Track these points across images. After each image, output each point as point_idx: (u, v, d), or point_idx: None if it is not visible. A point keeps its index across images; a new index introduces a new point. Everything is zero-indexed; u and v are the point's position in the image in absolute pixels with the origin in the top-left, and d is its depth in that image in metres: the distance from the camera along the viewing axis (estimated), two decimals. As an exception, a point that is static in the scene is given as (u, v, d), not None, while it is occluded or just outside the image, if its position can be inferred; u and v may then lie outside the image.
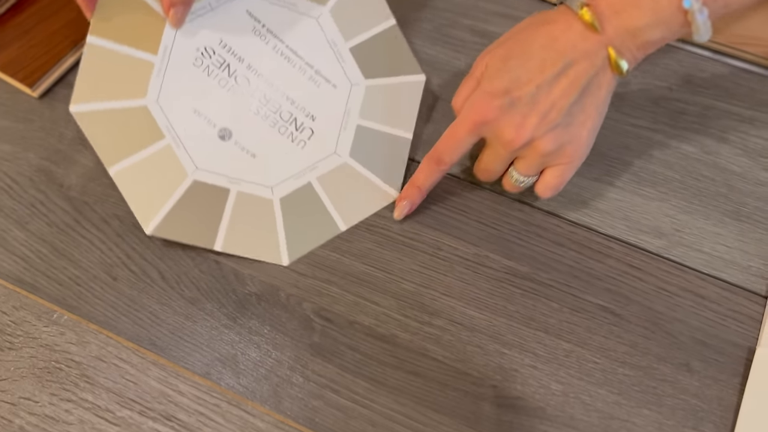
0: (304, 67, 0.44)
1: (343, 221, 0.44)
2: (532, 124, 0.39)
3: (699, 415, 0.39)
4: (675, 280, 0.43)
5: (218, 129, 0.43)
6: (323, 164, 0.45)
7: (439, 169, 0.43)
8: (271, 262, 0.43)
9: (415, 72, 0.47)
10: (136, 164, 0.42)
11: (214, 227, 0.42)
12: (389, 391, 0.39)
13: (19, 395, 0.39)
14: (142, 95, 0.42)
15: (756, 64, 0.51)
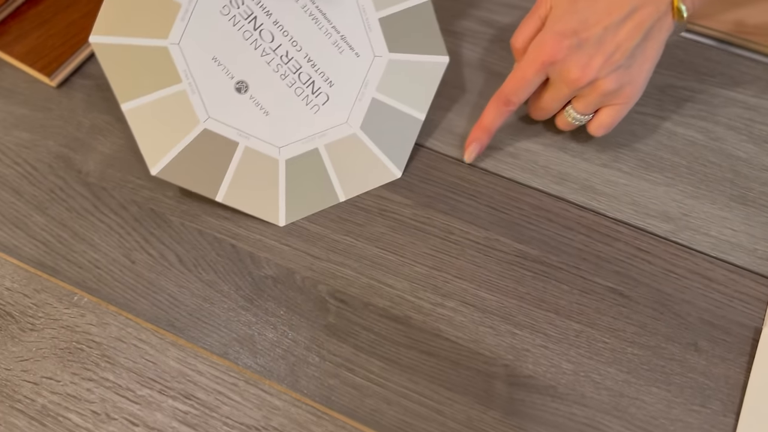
0: (330, 31, 0.44)
1: (344, 192, 0.45)
2: (598, 65, 0.41)
3: (706, 393, 0.39)
4: (683, 263, 0.43)
5: (235, 81, 0.43)
6: (333, 132, 0.45)
7: (507, 109, 0.45)
8: (268, 221, 0.44)
9: (439, 53, 0.47)
10: (150, 104, 0.42)
11: (218, 178, 0.43)
12: (403, 370, 0.40)
13: (41, 375, 0.40)
14: (165, 36, 0.42)
15: (761, 53, 0.52)
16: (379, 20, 0.45)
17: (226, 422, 0.39)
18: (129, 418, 0.39)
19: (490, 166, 0.47)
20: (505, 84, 0.44)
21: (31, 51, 0.50)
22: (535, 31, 0.43)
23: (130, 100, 0.42)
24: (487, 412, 0.39)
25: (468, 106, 0.50)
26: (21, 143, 0.48)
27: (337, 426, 0.39)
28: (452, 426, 0.39)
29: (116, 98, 0.42)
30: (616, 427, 0.39)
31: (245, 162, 0.44)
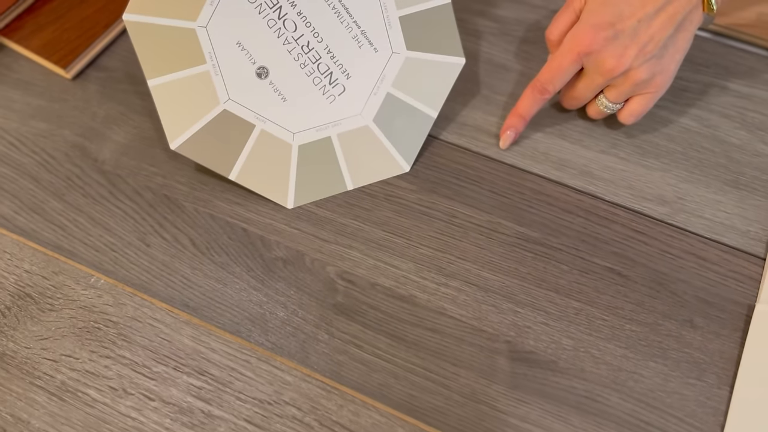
0: (351, 25, 0.46)
1: (352, 181, 0.47)
2: (632, 55, 0.43)
3: (702, 367, 0.41)
4: (678, 244, 0.45)
5: (257, 66, 0.45)
6: (346, 123, 0.47)
7: (542, 98, 0.47)
8: (276, 202, 0.46)
9: (456, 54, 0.48)
10: (175, 82, 0.44)
11: (233, 157, 0.45)
12: (409, 346, 0.42)
13: (60, 353, 0.42)
14: (193, 18, 0.44)
15: (754, 45, 0.53)
16: (400, 18, 0.46)
17: (239, 397, 0.40)
18: (145, 393, 0.41)
19: (492, 153, 0.49)
20: (540, 73, 0.46)
21: (47, 44, 0.52)
22: (570, 24, 0.46)
23: (157, 76, 0.44)
24: (490, 386, 0.40)
25: (471, 96, 0.51)
26: (38, 133, 0.50)
27: (346, 400, 0.40)
28: (457, 399, 0.40)
29: (143, 74, 0.44)
30: (615, 400, 0.40)
31: (260, 144, 0.46)
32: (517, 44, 0.54)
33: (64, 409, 0.40)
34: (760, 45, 0.53)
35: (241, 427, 0.39)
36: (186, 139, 0.45)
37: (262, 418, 0.40)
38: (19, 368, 0.41)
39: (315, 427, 0.39)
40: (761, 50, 0.53)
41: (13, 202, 0.47)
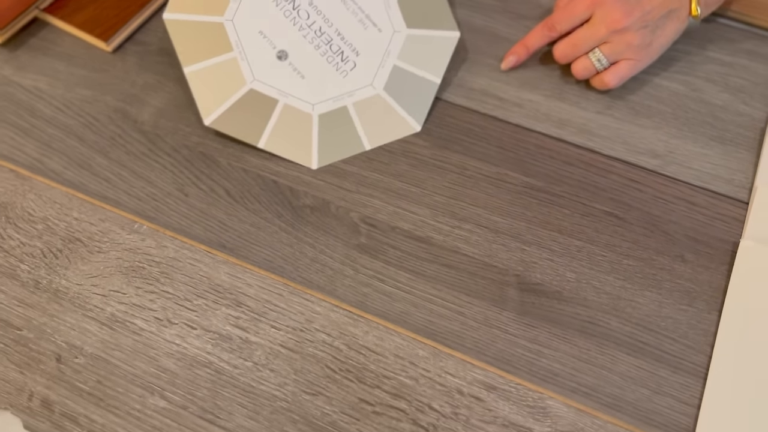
0: (356, 11, 0.53)
1: (369, 142, 0.52)
2: (636, 16, 0.50)
3: (692, 295, 0.45)
4: (669, 191, 0.49)
5: (277, 50, 0.51)
6: (360, 92, 0.52)
7: (549, 35, 0.54)
8: (302, 164, 0.51)
9: (451, 28, 0.54)
10: (207, 68, 0.51)
11: (260, 129, 0.51)
12: (427, 280, 0.46)
13: (109, 288, 0.46)
14: (222, 13, 0.51)
15: (734, 19, 0.58)
16: (398, 2, 0.53)
17: (274, 325, 0.44)
18: (187, 322, 0.44)
19: (498, 114, 0.53)
20: (554, 14, 0.53)
21: (89, 20, 0.56)
22: None
23: (192, 64, 0.51)
24: (501, 313, 0.45)
25: (477, 65, 0.56)
26: (83, 99, 0.54)
27: (371, 326, 0.44)
28: (472, 324, 0.44)
29: (180, 63, 0.50)
30: (615, 324, 0.44)
31: (284, 116, 0.51)
32: (518, 19, 0.59)
33: (114, 337, 0.44)
34: (740, 20, 0.58)
35: (276, 351, 0.43)
36: (218, 115, 0.50)
37: (295, 343, 0.44)
38: (72, 302, 0.45)
39: (344, 350, 0.43)
40: (741, 24, 0.58)
41: (62, 159, 0.51)
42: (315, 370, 0.43)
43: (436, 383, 0.42)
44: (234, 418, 0.41)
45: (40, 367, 0.43)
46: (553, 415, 0.41)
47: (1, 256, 0.47)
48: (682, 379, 0.42)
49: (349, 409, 0.41)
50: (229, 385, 0.42)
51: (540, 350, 0.43)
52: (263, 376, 0.43)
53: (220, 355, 0.43)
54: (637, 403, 0.42)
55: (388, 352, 0.43)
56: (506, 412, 0.41)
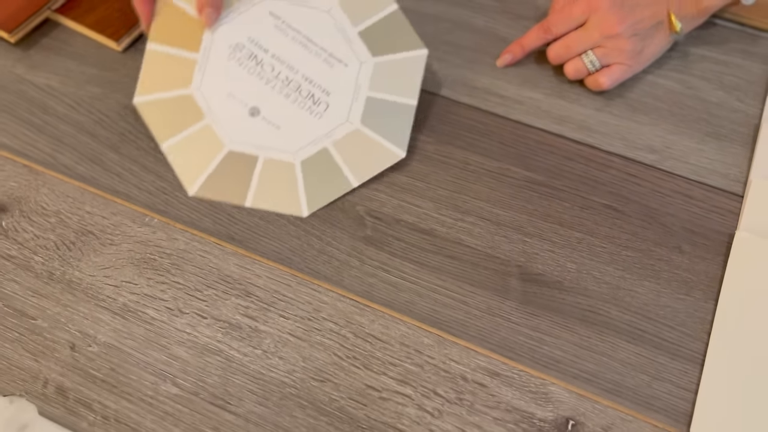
0: (319, 52, 0.52)
1: (355, 178, 0.51)
2: (629, 23, 0.52)
3: (690, 285, 0.46)
4: (667, 185, 0.51)
5: (249, 108, 0.51)
6: (338, 131, 0.51)
7: (545, 36, 0.55)
8: (292, 214, 0.50)
9: (417, 47, 0.52)
10: (183, 140, 0.51)
11: (245, 188, 0.50)
12: (431, 270, 0.47)
13: (121, 279, 0.47)
14: (188, 85, 0.51)
15: (727, 20, 0.60)
16: (358, 33, 0.52)
17: (282, 314, 0.45)
18: (198, 312, 0.46)
19: (500, 111, 0.55)
20: (550, 17, 0.55)
21: (100, 21, 0.58)
22: None
23: (167, 139, 0.51)
24: (504, 302, 0.46)
25: (479, 64, 0.58)
26: (94, 96, 0.55)
27: (377, 315, 0.45)
28: (475, 313, 0.45)
29: (156, 141, 0.51)
30: (615, 313, 0.45)
31: (266, 170, 0.51)
32: (517, 20, 0.60)
33: (127, 326, 0.45)
34: (734, 20, 0.60)
35: (285, 339, 0.44)
36: (201, 184, 0.50)
37: (303, 331, 0.45)
38: (85, 293, 0.46)
39: (350, 338, 0.45)
40: (734, 24, 0.60)
41: (74, 154, 0.52)
42: (323, 357, 0.44)
43: (440, 370, 0.43)
44: (244, 404, 0.42)
45: (55, 355, 0.44)
46: (555, 400, 0.42)
47: (16, 249, 0.48)
48: (680, 366, 0.43)
49: (357, 395, 0.43)
50: (239, 372, 0.43)
51: (542, 338, 0.44)
52: (272, 364, 0.44)
53: (230, 344, 0.44)
54: (637, 388, 0.43)
55: (393, 340, 0.45)
56: (509, 398, 0.42)
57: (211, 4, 0.51)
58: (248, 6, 0.52)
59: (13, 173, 0.51)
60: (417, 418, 0.42)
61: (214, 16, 0.51)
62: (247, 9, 0.52)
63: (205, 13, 0.51)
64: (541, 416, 0.42)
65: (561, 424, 0.42)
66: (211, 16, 0.51)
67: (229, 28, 0.52)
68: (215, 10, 0.51)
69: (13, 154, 0.52)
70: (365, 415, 0.42)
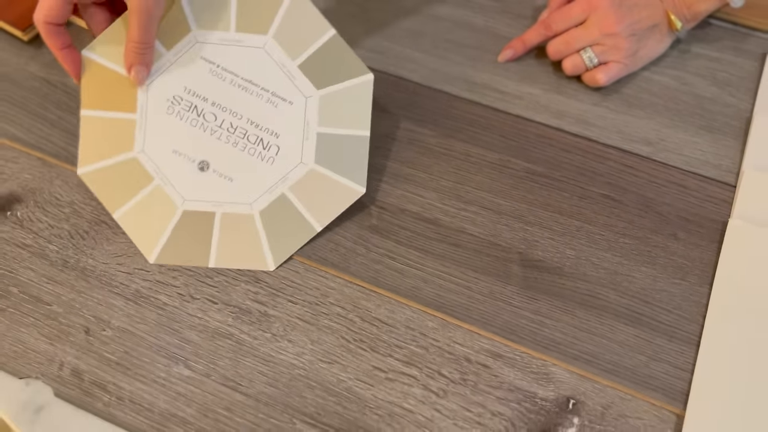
0: (260, 93, 0.49)
1: (318, 222, 0.49)
2: (627, 22, 0.55)
3: (685, 270, 0.48)
4: (662, 175, 0.53)
5: (197, 163, 0.49)
6: (293, 174, 0.49)
7: (545, 33, 0.58)
8: (259, 269, 0.48)
9: (362, 73, 0.50)
10: (134, 206, 0.49)
11: (206, 248, 0.49)
12: (435, 257, 0.49)
13: (133, 267, 0.48)
14: (130, 148, 0.49)
15: (720, 19, 0.62)
16: (299, 67, 0.50)
17: (290, 299, 0.47)
18: (209, 297, 0.47)
19: (500, 105, 0.57)
20: (551, 15, 0.57)
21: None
22: None
23: (119, 208, 0.49)
24: (506, 287, 0.47)
25: (479, 61, 0.59)
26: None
27: (383, 300, 0.47)
28: (478, 297, 0.47)
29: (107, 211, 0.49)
30: (613, 297, 0.47)
31: (225, 226, 0.49)
32: (516, 19, 0.62)
33: (140, 311, 0.46)
34: (726, 19, 0.62)
35: (294, 323, 0.46)
36: (160, 250, 0.48)
37: (311, 316, 0.46)
38: (99, 279, 0.48)
39: (357, 322, 0.46)
40: (727, 23, 0.62)
41: (87, 147, 0.54)
42: (330, 340, 0.45)
43: (445, 352, 0.45)
44: (255, 385, 0.43)
45: (70, 339, 0.45)
46: (556, 380, 0.44)
47: (31, 238, 0.49)
48: (676, 347, 0.45)
49: (364, 376, 0.44)
50: (250, 354, 0.45)
51: (543, 321, 0.46)
52: (282, 347, 0.45)
53: (240, 327, 0.46)
54: (635, 368, 0.44)
55: (399, 323, 0.46)
56: (512, 378, 0.44)
57: (140, 62, 0.48)
58: (178, 54, 0.49)
59: (27, 165, 0.53)
60: (422, 398, 0.43)
61: (145, 74, 0.48)
62: (177, 58, 0.49)
63: (135, 71, 0.48)
64: (543, 396, 0.43)
65: (562, 403, 0.43)
66: (140, 73, 0.48)
67: (163, 81, 0.49)
68: (145, 67, 0.48)
69: (27, 147, 0.54)
70: (372, 395, 0.43)
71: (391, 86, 0.58)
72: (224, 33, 0.49)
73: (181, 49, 0.49)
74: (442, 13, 0.63)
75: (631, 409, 0.43)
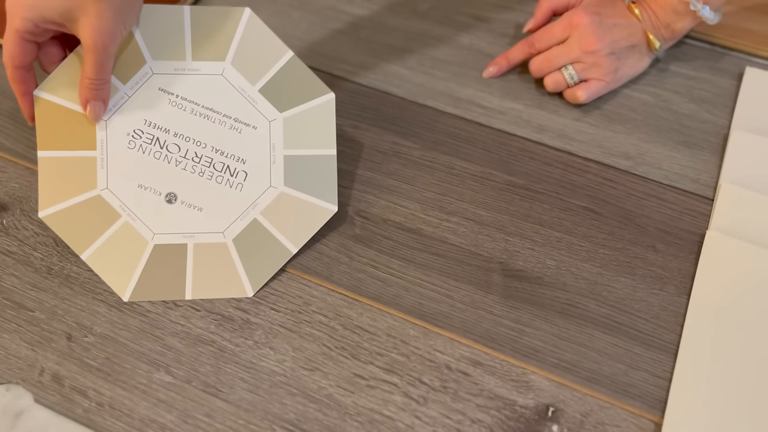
0: (223, 120, 0.49)
1: (293, 244, 0.49)
2: (607, 41, 0.56)
3: (664, 280, 0.49)
4: (641, 188, 0.54)
5: (164, 195, 0.48)
6: (263, 199, 0.49)
7: (528, 51, 0.59)
8: (238, 296, 0.48)
9: (323, 93, 0.50)
10: (103, 245, 0.48)
11: (181, 281, 0.48)
12: (417, 266, 0.49)
13: (117, 274, 0.48)
14: (93, 186, 0.48)
15: (697, 39, 0.64)
16: (259, 91, 0.50)
17: (273, 307, 0.47)
18: (192, 305, 0.47)
19: (483, 120, 0.58)
20: (534, 34, 0.59)
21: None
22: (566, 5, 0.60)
23: (86, 249, 0.48)
24: (487, 296, 0.48)
25: (464, 77, 0.61)
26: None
27: (365, 308, 0.47)
28: (459, 306, 0.47)
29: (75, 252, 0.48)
30: (593, 306, 0.47)
31: (199, 257, 0.48)
32: (500, 37, 0.64)
33: (123, 318, 0.46)
34: (703, 39, 0.63)
35: (276, 331, 0.46)
36: (133, 287, 0.47)
37: (293, 323, 0.46)
38: (83, 286, 0.48)
39: (339, 329, 0.46)
40: (703, 43, 0.63)
41: (75, 157, 0.54)
42: (312, 347, 0.45)
43: (426, 359, 0.45)
44: (235, 392, 0.44)
45: (51, 345, 0.45)
46: (536, 388, 0.44)
47: (16, 245, 0.50)
48: (655, 355, 0.45)
49: (345, 383, 0.44)
50: (231, 361, 0.45)
51: (523, 329, 0.46)
52: (263, 354, 0.45)
53: (222, 334, 0.46)
54: (614, 376, 0.44)
55: (381, 331, 0.46)
56: (491, 386, 0.44)
57: (96, 97, 0.46)
58: (135, 87, 0.48)
59: (15, 175, 0.53)
60: (403, 405, 0.43)
61: (101, 109, 0.47)
62: (134, 91, 0.48)
63: (91, 107, 0.47)
64: (523, 403, 0.43)
65: (541, 411, 0.43)
66: (97, 109, 0.47)
67: (121, 115, 0.48)
68: (102, 102, 0.47)
69: (15, 157, 0.54)
70: (353, 402, 0.43)
71: (378, 101, 0.59)
72: (180, 62, 0.49)
73: (138, 81, 0.48)
74: (428, 31, 0.64)
75: (609, 417, 0.43)
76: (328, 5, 0.67)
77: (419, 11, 0.66)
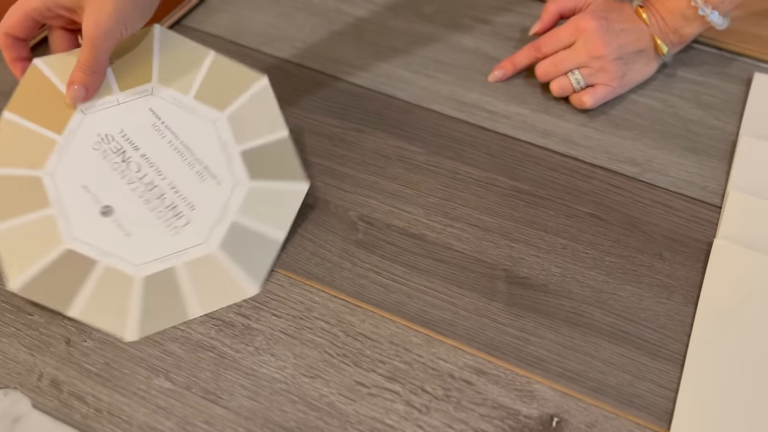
0: (193, 162, 0.48)
1: (193, 310, 0.47)
2: (614, 46, 0.55)
3: (670, 289, 0.48)
4: (648, 195, 0.53)
5: (101, 206, 0.47)
6: (191, 252, 0.47)
7: (534, 55, 0.59)
8: (115, 334, 0.45)
9: (298, 180, 0.50)
10: (19, 226, 0.46)
11: (71, 295, 0.45)
12: (421, 273, 0.49)
13: (117, 278, 0.48)
14: (40, 167, 0.47)
15: (705, 44, 0.63)
16: (240, 152, 0.49)
17: (274, 313, 0.47)
18: (192, 310, 0.47)
19: (487, 124, 0.57)
20: (540, 38, 0.59)
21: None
22: (573, 9, 0.59)
23: (1, 222, 0.46)
24: (491, 304, 0.47)
25: (469, 81, 0.60)
26: None
27: (367, 315, 0.47)
28: (463, 314, 0.47)
29: None
30: (598, 315, 0.47)
31: (102, 280, 0.46)
32: (505, 41, 0.63)
33: (122, 323, 0.46)
34: (710, 44, 0.63)
35: (277, 337, 0.45)
36: (25, 282, 0.45)
37: (294, 329, 0.46)
38: (82, 290, 0.47)
39: (341, 336, 0.46)
40: (711, 48, 0.63)
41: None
42: (313, 354, 0.45)
43: (428, 368, 0.44)
44: (235, 399, 0.43)
45: (50, 350, 0.45)
46: (540, 398, 0.43)
47: (15, 248, 0.49)
48: (661, 366, 0.45)
49: (346, 391, 0.43)
50: (231, 368, 0.44)
51: (527, 338, 0.46)
52: (264, 360, 0.44)
53: (222, 340, 0.45)
54: (620, 387, 0.44)
55: (383, 338, 0.46)
56: (495, 395, 0.43)
57: (82, 82, 0.46)
58: (129, 97, 0.48)
59: (15, 176, 0.53)
60: (405, 414, 0.43)
61: (81, 94, 0.47)
62: (127, 100, 0.48)
63: (72, 90, 0.46)
64: (527, 413, 0.43)
65: (546, 421, 0.43)
66: (77, 92, 0.46)
67: (103, 116, 0.48)
68: (85, 89, 0.47)
69: (15, 159, 0.54)
70: (354, 410, 0.43)
71: (382, 104, 0.59)
72: (182, 95, 0.49)
73: (135, 94, 0.49)
74: (432, 34, 0.64)
75: (615, 427, 0.42)
76: (332, 7, 0.67)
77: (424, 14, 0.66)
